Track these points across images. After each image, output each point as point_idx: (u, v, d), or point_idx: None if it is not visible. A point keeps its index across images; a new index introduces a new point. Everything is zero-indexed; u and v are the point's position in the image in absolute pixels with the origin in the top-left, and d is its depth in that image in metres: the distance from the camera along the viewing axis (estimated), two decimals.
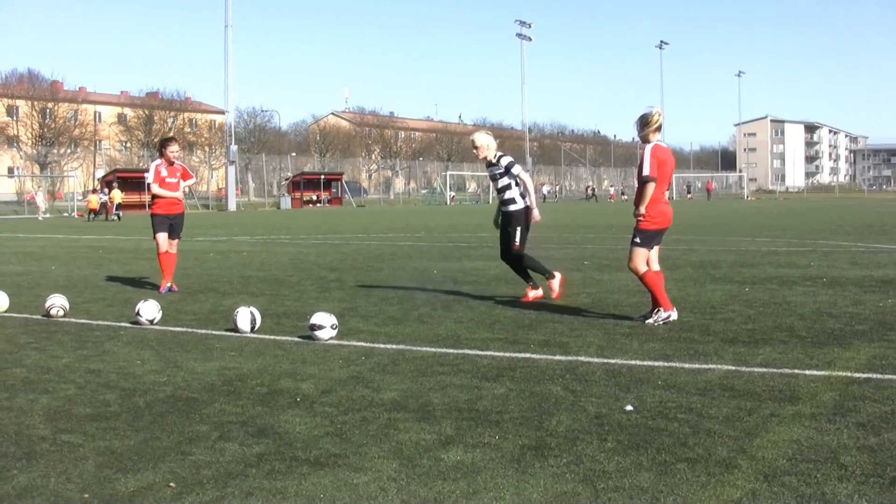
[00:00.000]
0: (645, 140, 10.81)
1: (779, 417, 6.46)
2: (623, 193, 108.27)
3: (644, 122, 10.78)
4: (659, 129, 10.81)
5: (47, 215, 68.78)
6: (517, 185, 12.97)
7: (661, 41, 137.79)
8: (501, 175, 12.96)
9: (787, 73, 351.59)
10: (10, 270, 19.60)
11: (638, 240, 10.76)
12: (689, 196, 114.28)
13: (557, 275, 13.04)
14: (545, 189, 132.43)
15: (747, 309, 11.75)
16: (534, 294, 12.94)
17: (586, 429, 6.22)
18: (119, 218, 59.55)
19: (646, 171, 10.57)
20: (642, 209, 10.62)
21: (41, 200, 70.90)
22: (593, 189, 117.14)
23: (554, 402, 7.02)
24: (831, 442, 5.83)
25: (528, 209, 12.97)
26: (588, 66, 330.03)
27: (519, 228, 12.92)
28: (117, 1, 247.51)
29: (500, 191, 13.07)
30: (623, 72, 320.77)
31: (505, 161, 12.98)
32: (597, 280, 15.50)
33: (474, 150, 13.26)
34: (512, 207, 12.99)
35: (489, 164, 13.15)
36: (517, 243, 12.85)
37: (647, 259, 10.79)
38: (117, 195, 63.74)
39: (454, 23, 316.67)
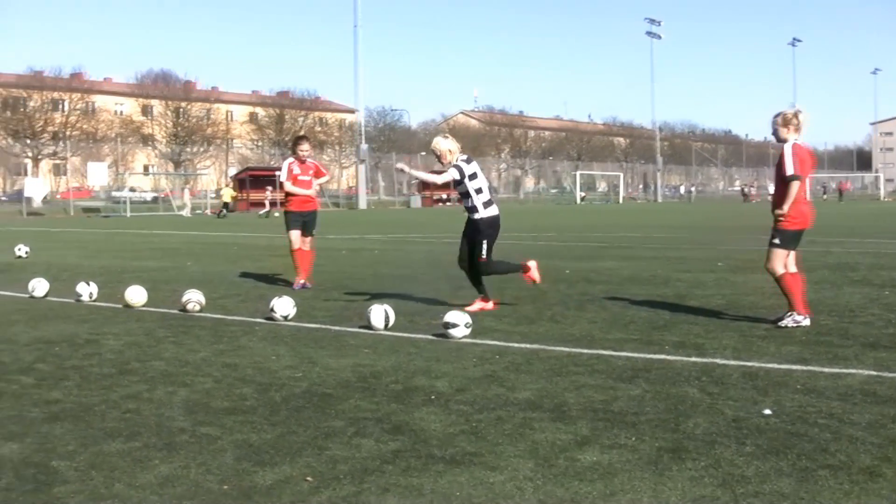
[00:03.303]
0: (782, 139, 10.61)
1: None
2: (746, 194, 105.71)
3: (784, 121, 10.58)
4: (798, 128, 10.59)
5: (197, 211, 70.22)
6: (478, 192, 12.14)
7: (794, 38, 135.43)
8: (458, 183, 12.20)
9: None
10: (148, 266, 20.03)
11: (777, 240, 10.56)
12: (824, 197, 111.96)
13: (531, 264, 12.65)
14: (682, 188, 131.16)
15: (888, 313, 11.46)
16: (480, 306, 12.09)
17: (724, 432, 6.13)
18: (223, 216, 60.49)
19: (790, 170, 10.34)
20: (785, 209, 10.42)
21: (187, 198, 72.48)
22: (747, 188, 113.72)
23: (690, 404, 6.94)
24: None
25: (494, 218, 12.24)
26: (719, 63, 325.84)
27: (486, 241, 12.14)
28: (248, 2, 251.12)
29: (462, 197, 12.34)
30: (755, 70, 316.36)
31: (454, 165, 12.14)
32: (731, 281, 15.28)
33: (437, 159, 12.45)
34: (475, 216, 12.23)
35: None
36: (483, 256, 12.15)
37: (784, 261, 10.60)
38: (227, 193, 64.91)
39: (583, 21, 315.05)
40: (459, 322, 9.86)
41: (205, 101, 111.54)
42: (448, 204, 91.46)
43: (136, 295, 12.85)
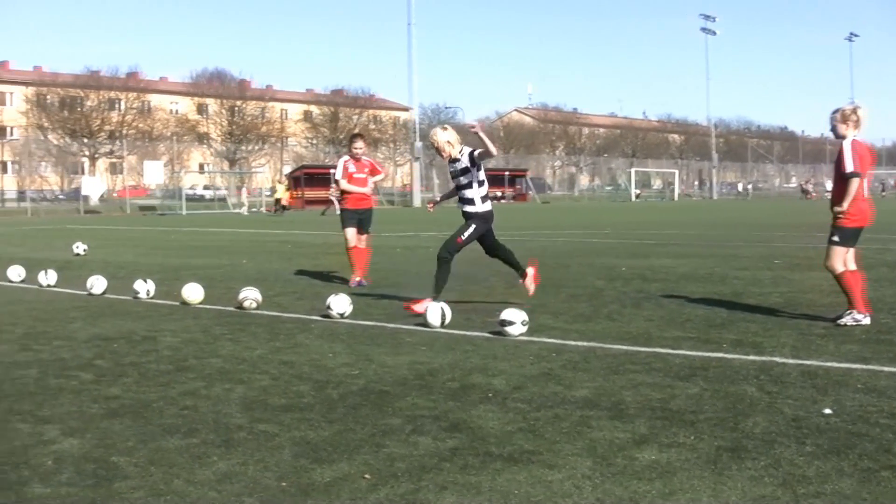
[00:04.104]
0: (841, 136, 10.50)
1: None
2: (806, 191, 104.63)
3: (843, 117, 10.46)
4: (857, 125, 10.48)
5: (254, 210, 70.70)
6: (481, 184, 11.96)
7: (851, 33, 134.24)
8: (464, 171, 11.91)
9: None
10: (204, 263, 20.14)
11: (836, 238, 10.46)
12: (883, 194, 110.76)
13: (428, 303, 11.28)
14: (739, 186, 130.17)
15: None
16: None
17: (783, 431, 6.08)
18: (281, 214, 60.92)
19: (849, 167, 10.24)
20: (845, 206, 10.31)
21: (245, 196, 73.01)
22: (807, 184, 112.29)
23: (749, 403, 6.88)
24: None
25: (489, 213, 12.05)
26: (774, 59, 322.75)
27: (473, 228, 11.88)
28: (302, 1, 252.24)
29: (460, 188, 12.04)
30: (811, 65, 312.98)
31: (467, 151, 11.91)
32: (788, 279, 15.16)
33: (437, 152, 12.15)
34: (470, 209, 11.97)
35: (452, 161, 12.03)
36: (463, 238, 11.85)
37: (844, 258, 10.49)
38: (280, 191, 65.31)
39: (638, 17, 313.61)
40: (516, 320, 9.84)
41: (259, 99, 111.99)
42: (503, 201, 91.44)
43: (193, 292, 12.93)
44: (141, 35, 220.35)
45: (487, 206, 12.00)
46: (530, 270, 12.47)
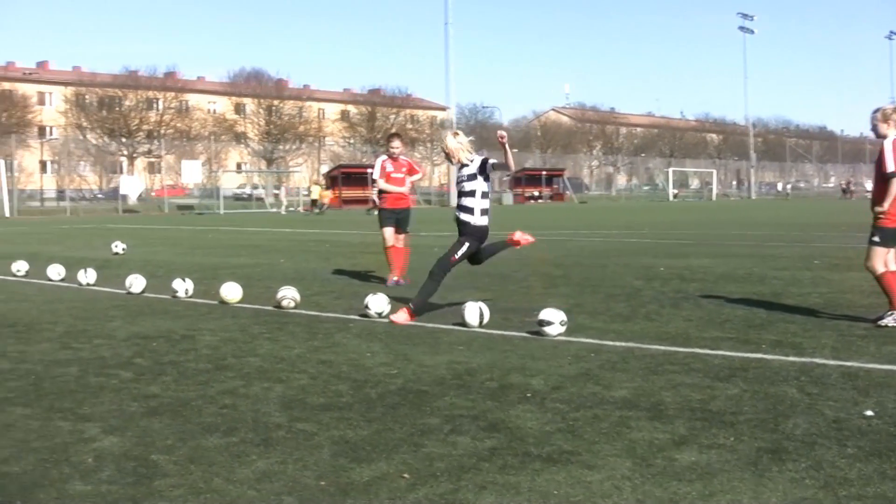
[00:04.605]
0: (882, 135, 10.42)
1: None
2: (847, 190, 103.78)
3: (884, 117, 10.38)
4: None
5: (291, 209, 70.98)
6: (485, 196, 11.54)
7: (891, 31, 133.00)
8: (471, 177, 11.55)
9: None
10: (242, 263, 20.21)
11: (877, 238, 10.38)
12: None
13: (404, 316, 11.12)
14: (779, 185, 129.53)
15: None
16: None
17: (824, 433, 6.04)
18: (322, 213, 61.28)
19: (890, 167, 10.16)
20: (885, 206, 10.24)
21: (283, 195, 73.33)
22: (848, 184, 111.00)
23: (789, 404, 6.84)
24: None
25: (485, 230, 11.61)
26: (813, 58, 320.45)
27: (466, 246, 11.49)
28: (339, 0, 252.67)
29: (463, 194, 11.64)
30: (850, 64, 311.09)
31: (480, 158, 11.68)
32: (828, 280, 15.07)
33: (447, 157, 11.98)
34: (465, 217, 11.57)
35: (461, 166, 11.73)
36: (456, 257, 11.50)
37: (885, 259, 10.42)
38: (316, 191, 65.61)
39: (675, 16, 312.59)
40: (554, 319, 9.82)
41: (297, 99, 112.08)
42: (540, 201, 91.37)
43: (232, 291, 12.97)
44: (179, 35, 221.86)
45: (485, 220, 11.59)
46: (518, 234, 12.08)
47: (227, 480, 5.24)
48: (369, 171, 16.65)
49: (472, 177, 11.54)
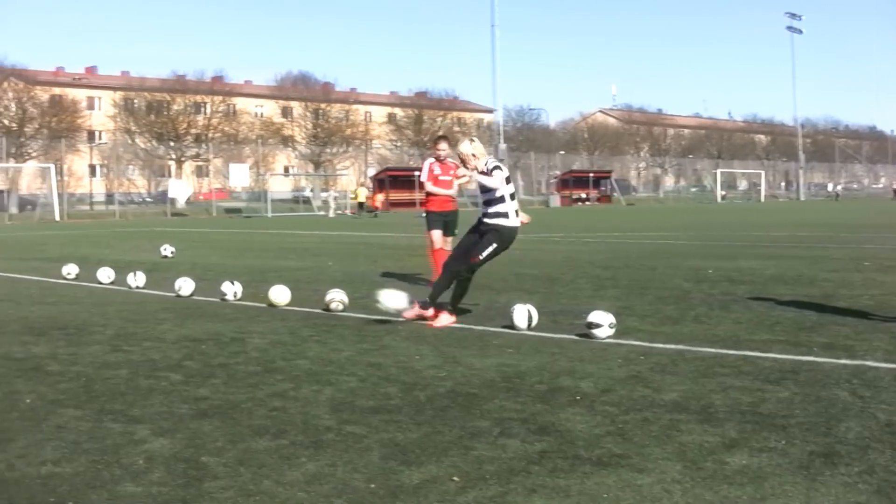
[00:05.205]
0: None
1: None
2: None
3: None
4: None
5: (339, 212, 71.22)
6: (512, 197, 11.28)
7: None
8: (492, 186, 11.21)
9: None
10: (290, 265, 20.29)
11: None
12: None
13: (445, 315, 11.28)
14: (829, 186, 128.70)
15: None
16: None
17: (877, 437, 5.97)
18: (375, 215, 61.39)
19: None
20: None
21: (331, 198, 73.66)
22: None
23: (841, 407, 6.77)
24: None
25: (515, 230, 11.35)
26: (862, 57, 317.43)
27: (494, 246, 11.16)
28: (385, 3, 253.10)
29: (489, 203, 11.27)
30: None
31: (492, 164, 11.36)
32: (879, 281, 14.94)
33: (462, 163, 11.60)
34: (503, 223, 11.18)
35: (480, 173, 11.30)
36: (480, 257, 11.17)
37: None
38: (361, 193, 65.76)
39: (722, 17, 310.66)
40: (603, 322, 9.78)
41: (343, 102, 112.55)
42: (587, 203, 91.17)
43: (280, 294, 13.02)
44: (226, 39, 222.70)
45: (516, 220, 11.36)
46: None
47: (276, 483, 5.25)
48: (417, 173, 16.64)
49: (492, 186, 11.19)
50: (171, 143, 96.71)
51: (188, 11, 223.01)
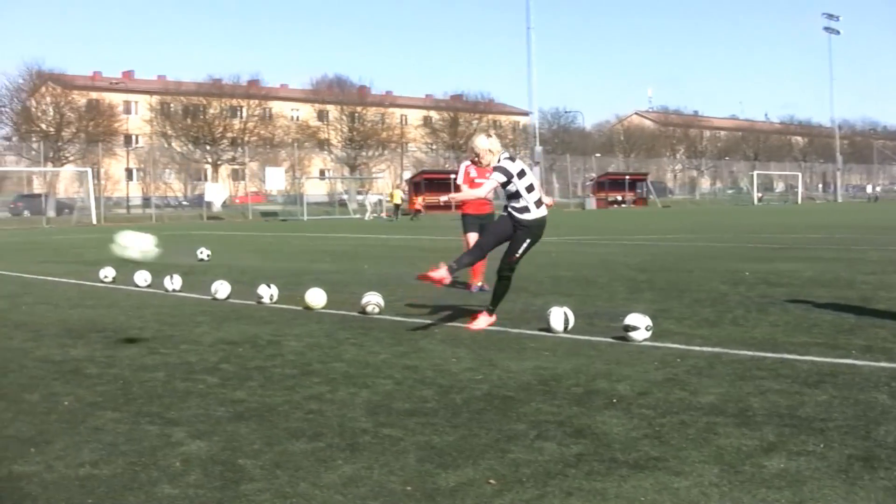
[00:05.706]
0: None
1: None
2: None
3: None
4: None
5: (374, 215, 71.36)
6: (530, 189, 10.97)
7: None
8: (507, 182, 10.99)
9: None
10: (326, 268, 20.33)
11: None
12: None
13: (494, 317, 11.26)
14: (868, 188, 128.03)
15: None
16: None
17: None
18: (414, 218, 61.55)
19: None
20: None
21: (368, 202, 73.89)
22: None
23: (881, 411, 6.72)
24: None
25: (543, 219, 11.15)
26: None
27: (528, 241, 11.07)
28: (420, 6, 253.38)
29: (511, 197, 11.05)
30: None
31: (504, 157, 11.09)
32: None
33: (477, 158, 11.38)
34: (526, 217, 10.98)
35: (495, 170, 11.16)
36: (517, 255, 11.10)
37: None
38: (397, 196, 65.95)
39: (758, 18, 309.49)
40: (640, 325, 9.74)
41: (379, 105, 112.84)
42: (623, 206, 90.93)
43: (316, 297, 13.03)
44: (261, 43, 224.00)
45: (542, 210, 11.19)
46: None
47: (313, 485, 5.26)
48: (453, 176, 16.65)
49: (507, 182, 11.00)
50: (208, 147, 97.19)
51: (224, 16, 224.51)
